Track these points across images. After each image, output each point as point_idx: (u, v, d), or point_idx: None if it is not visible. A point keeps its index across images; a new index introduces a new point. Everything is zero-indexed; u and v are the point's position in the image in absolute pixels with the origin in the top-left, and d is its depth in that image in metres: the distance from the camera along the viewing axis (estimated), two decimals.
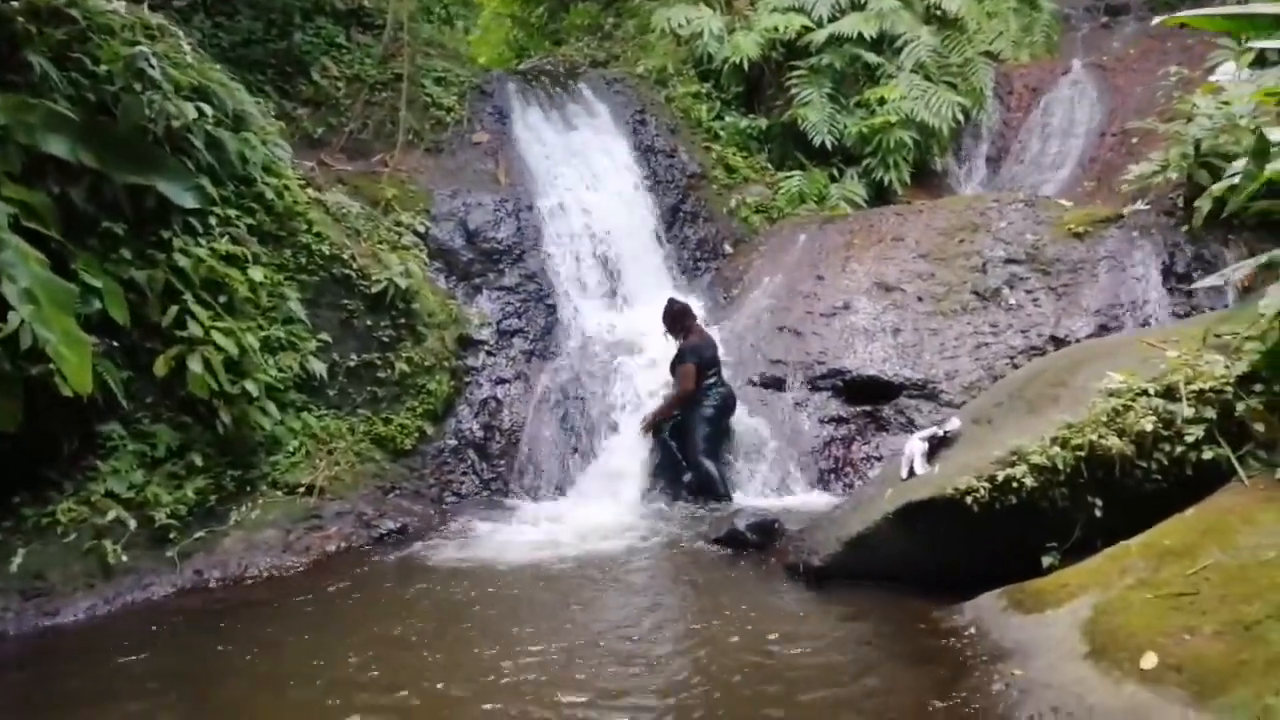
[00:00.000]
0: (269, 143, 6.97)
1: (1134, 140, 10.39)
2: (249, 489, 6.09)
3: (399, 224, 8.12)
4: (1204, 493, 4.14)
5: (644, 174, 10.11)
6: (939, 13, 11.67)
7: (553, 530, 6.34)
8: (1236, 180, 4.46)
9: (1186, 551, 3.72)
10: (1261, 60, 10.06)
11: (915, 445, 5.18)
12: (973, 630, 4.01)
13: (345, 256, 7.21)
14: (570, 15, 14.75)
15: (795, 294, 8.50)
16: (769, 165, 11.18)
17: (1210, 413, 4.13)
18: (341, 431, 6.83)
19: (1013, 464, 4.35)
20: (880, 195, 10.89)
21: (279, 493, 6.18)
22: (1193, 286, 5.77)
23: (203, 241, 6.13)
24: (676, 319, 7.57)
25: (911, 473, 5.08)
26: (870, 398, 7.59)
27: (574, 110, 10.54)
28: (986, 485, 4.35)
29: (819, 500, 6.81)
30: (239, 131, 6.70)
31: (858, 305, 8.15)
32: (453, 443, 7.49)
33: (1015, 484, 4.30)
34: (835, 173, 10.92)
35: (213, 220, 6.28)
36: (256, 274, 6.29)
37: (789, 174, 10.80)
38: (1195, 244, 7.76)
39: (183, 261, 5.90)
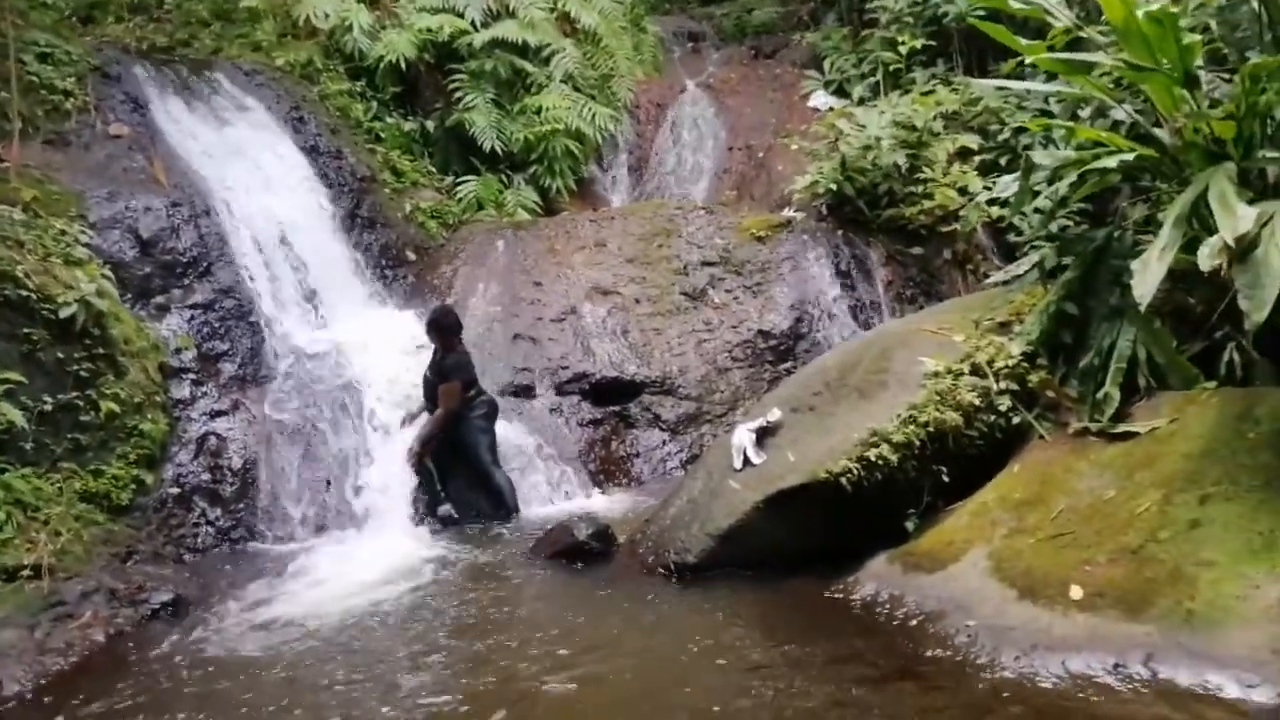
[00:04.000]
0: None
1: (760, 155, 11.86)
2: None
3: (63, 233, 6.61)
4: (1012, 451, 5.05)
5: (316, 175, 9.29)
6: (578, 26, 12.23)
7: (348, 575, 5.67)
8: (1006, 195, 5.43)
9: (1038, 500, 4.52)
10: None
11: (744, 436, 5.53)
12: (884, 596, 4.47)
13: (18, 274, 5.75)
14: None
15: (519, 300, 8.46)
16: (434, 170, 10.89)
17: (1014, 385, 5.04)
18: (51, 494, 5.44)
19: (875, 444, 4.89)
20: (546, 202, 11.14)
21: None
22: (986, 283, 6.86)
23: None
24: (451, 331, 7.04)
25: (747, 462, 5.43)
26: (616, 398, 7.88)
27: (221, 103, 9.34)
28: (857, 466, 4.85)
29: (603, 503, 6.92)
30: None
31: (583, 310, 8.36)
32: (175, 491, 6.32)
33: (882, 461, 4.85)
34: (505, 179, 10.95)
35: None
36: None
37: (463, 179, 10.62)
38: (850, 246, 9.17)
39: None
